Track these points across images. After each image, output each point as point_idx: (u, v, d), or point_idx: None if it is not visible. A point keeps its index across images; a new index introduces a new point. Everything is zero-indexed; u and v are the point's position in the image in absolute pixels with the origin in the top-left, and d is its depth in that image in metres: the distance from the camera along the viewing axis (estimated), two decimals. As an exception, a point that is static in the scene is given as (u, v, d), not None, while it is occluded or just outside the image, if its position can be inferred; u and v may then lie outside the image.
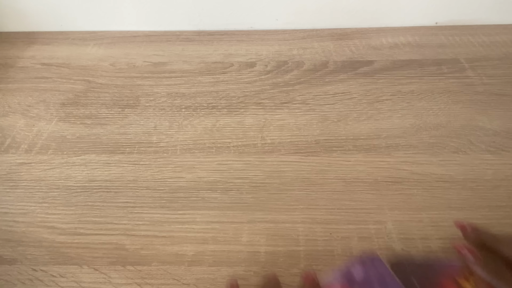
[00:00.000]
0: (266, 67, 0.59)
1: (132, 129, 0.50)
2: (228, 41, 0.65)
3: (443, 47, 0.62)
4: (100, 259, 0.37)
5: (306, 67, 0.59)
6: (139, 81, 0.58)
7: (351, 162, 0.44)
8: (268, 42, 0.65)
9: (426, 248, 0.36)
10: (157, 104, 0.53)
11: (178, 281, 0.35)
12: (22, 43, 0.67)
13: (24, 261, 0.37)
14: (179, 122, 0.50)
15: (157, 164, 0.45)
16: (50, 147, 0.48)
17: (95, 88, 0.57)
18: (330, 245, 0.37)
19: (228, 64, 0.60)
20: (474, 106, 0.51)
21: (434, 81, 0.55)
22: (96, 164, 0.46)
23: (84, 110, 0.53)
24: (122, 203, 0.41)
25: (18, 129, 0.51)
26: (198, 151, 0.47)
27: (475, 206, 0.39)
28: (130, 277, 0.35)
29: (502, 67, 0.57)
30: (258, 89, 0.55)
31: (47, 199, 0.42)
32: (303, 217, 0.39)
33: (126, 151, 0.47)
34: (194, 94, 0.55)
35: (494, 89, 0.53)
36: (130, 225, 0.39)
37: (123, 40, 0.67)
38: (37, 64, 0.62)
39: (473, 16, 0.66)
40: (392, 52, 0.61)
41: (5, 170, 0.45)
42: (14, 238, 0.39)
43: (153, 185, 0.43)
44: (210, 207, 0.41)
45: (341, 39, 0.65)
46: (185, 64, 0.61)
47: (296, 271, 0.35)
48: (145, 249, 0.37)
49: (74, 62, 0.62)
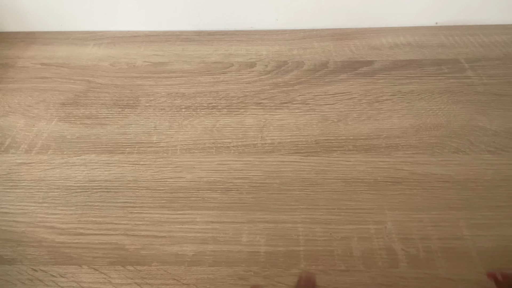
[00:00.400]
0: (266, 67, 0.59)
1: (132, 129, 0.50)
2: (228, 41, 0.65)
3: (443, 47, 0.62)
4: (100, 259, 0.37)
5: (306, 67, 0.59)
6: (139, 81, 0.58)
7: (351, 162, 0.44)
8: (268, 42, 0.65)
9: (426, 248, 0.36)
10: (157, 104, 0.53)
11: (178, 281, 0.35)
12: (22, 43, 0.67)
13: (24, 261, 0.37)
14: (179, 122, 0.50)
15: (157, 164, 0.45)
16: (50, 147, 0.48)
17: (95, 88, 0.57)
18: (330, 245, 0.37)
19: (228, 64, 0.60)
20: (474, 106, 0.51)
21: (434, 81, 0.55)
22: (96, 164, 0.46)
23: (84, 110, 0.53)
24: (122, 203, 0.41)
25: (18, 129, 0.51)
26: (198, 151, 0.47)
27: (475, 206, 0.39)
28: (130, 277, 0.35)
29: (502, 67, 0.57)
30: (258, 89, 0.55)
31: (47, 199, 0.42)
32: (303, 217, 0.39)
33: (126, 151, 0.47)
34: (194, 94, 0.55)
35: (494, 89, 0.53)
36: (130, 225, 0.39)
37: (123, 40, 0.67)
38: (37, 64, 0.62)
39: (473, 16, 0.66)
40: (392, 52, 0.61)
41: (5, 170, 0.45)
42: (14, 238, 0.39)
43: (153, 185, 0.43)
44: (210, 207, 0.41)
45: (341, 39, 0.65)
46: (185, 64, 0.61)
47: (296, 271, 0.35)
48: (145, 249, 0.37)
49: (74, 62, 0.62)
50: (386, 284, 0.33)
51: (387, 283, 0.34)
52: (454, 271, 0.34)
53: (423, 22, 0.67)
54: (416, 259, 0.35)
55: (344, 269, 0.35)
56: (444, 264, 0.35)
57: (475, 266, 0.34)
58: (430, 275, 0.34)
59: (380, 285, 0.33)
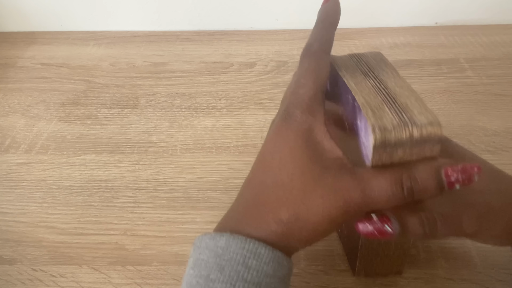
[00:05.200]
0: (266, 67, 0.59)
1: (132, 129, 0.50)
2: (228, 41, 0.65)
3: (443, 47, 0.62)
4: (100, 259, 0.37)
5: (306, 67, 0.59)
6: (139, 81, 0.58)
7: (351, 162, 0.44)
8: (268, 42, 0.65)
9: (426, 248, 0.36)
10: (157, 104, 0.53)
11: (178, 281, 0.35)
12: (22, 43, 0.67)
13: (24, 261, 0.37)
14: (179, 122, 0.50)
15: (157, 164, 0.45)
16: (50, 147, 0.48)
17: (95, 88, 0.57)
18: (330, 245, 0.37)
19: (228, 64, 0.60)
20: (474, 106, 0.51)
21: (434, 81, 0.55)
22: (96, 164, 0.46)
23: (84, 110, 0.53)
24: (122, 203, 0.41)
25: (18, 129, 0.51)
26: (198, 151, 0.47)
27: (475, 206, 0.39)
28: (130, 277, 0.35)
29: (502, 67, 0.57)
30: (258, 89, 0.55)
31: (47, 199, 0.42)
32: (303, 217, 0.39)
33: (126, 151, 0.47)
34: (194, 94, 0.55)
35: (494, 89, 0.53)
36: (130, 225, 0.39)
37: (123, 40, 0.67)
38: (37, 64, 0.62)
39: (473, 16, 0.66)
40: (392, 52, 0.61)
41: (5, 170, 0.45)
42: (14, 238, 0.39)
43: (153, 185, 0.43)
44: (210, 207, 0.41)
45: (341, 39, 0.65)
46: (185, 64, 0.61)
47: (296, 271, 0.35)
48: (145, 249, 0.37)
49: (74, 62, 0.62)
50: (386, 284, 0.33)
51: (387, 283, 0.33)
52: (454, 271, 0.34)
53: (423, 22, 0.67)
54: (416, 259, 0.35)
55: (344, 269, 0.35)
56: (444, 264, 0.35)
57: (475, 266, 0.34)
58: (430, 275, 0.34)
59: (380, 285, 0.33)
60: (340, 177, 0.24)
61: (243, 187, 0.28)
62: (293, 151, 0.25)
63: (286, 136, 0.26)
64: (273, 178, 0.25)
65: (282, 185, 0.25)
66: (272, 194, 0.25)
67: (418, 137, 0.23)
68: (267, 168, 0.26)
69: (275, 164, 0.26)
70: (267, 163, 0.26)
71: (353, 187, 0.23)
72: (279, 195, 0.25)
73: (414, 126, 0.23)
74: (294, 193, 0.24)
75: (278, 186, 0.25)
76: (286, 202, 0.24)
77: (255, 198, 0.26)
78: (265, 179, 0.26)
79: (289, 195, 0.24)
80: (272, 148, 0.26)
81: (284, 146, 0.25)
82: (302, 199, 0.24)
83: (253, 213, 0.25)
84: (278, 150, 0.26)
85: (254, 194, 0.26)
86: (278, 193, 0.25)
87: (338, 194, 0.23)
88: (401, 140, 0.23)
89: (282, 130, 0.26)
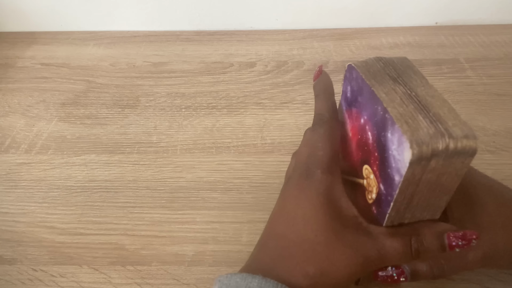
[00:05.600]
0: (266, 67, 0.59)
1: (132, 129, 0.50)
2: (228, 41, 0.65)
3: (443, 47, 0.62)
4: (100, 259, 0.37)
5: (306, 67, 0.59)
6: (139, 81, 0.58)
7: (351, 162, 0.44)
8: (268, 42, 0.65)
9: (426, 248, 0.36)
10: (157, 104, 0.53)
11: (178, 281, 0.35)
12: (22, 43, 0.67)
13: (24, 261, 0.37)
14: (179, 122, 0.50)
15: (157, 164, 0.45)
16: (50, 147, 0.48)
17: (95, 88, 0.57)
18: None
19: (228, 64, 0.60)
20: (474, 106, 0.51)
21: (434, 81, 0.55)
22: (96, 164, 0.46)
23: (84, 110, 0.53)
24: (122, 203, 0.41)
25: (18, 129, 0.51)
26: (198, 151, 0.47)
27: (475, 206, 0.39)
28: (130, 277, 0.35)
29: (502, 67, 0.57)
30: (258, 89, 0.55)
31: (47, 199, 0.42)
32: (303, 217, 0.39)
33: (126, 151, 0.47)
34: (194, 94, 0.55)
35: (494, 89, 0.53)
36: (130, 225, 0.39)
37: (123, 40, 0.67)
38: (37, 64, 0.62)
39: (473, 16, 0.66)
40: (392, 52, 0.61)
41: (5, 170, 0.45)
42: (14, 238, 0.39)
43: (153, 185, 0.43)
44: (210, 207, 0.41)
45: (341, 39, 0.65)
46: (185, 64, 0.61)
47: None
48: (145, 249, 0.37)
49: (74, 62, 0.62)
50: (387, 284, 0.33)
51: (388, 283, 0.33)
52: (454, 271, 0.34)
53: (423, 22, 0.67)
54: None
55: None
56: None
57: (475, 266, 0.34)
58: (430, 275, 0.34)
59: (381, 285, 0.33)
60: (358, 236, 0.26)
61: (266, 237, 0.29)
62: (316, 208, 0.27)
63: (309, 193, 0.27)
64: (298, 233, 0.27)
65: (308, 240, 0.26)
66: (299, 248, 0.26)
67: (453, 149, 0.22)
68: (290, 222, 0.27)
69: (298, 220, 0.27)
70: (290, 218, 0.28)
71: (370, 247, 0.26)
72: (305, 250, 0.26)
73: (450, 139, 0.22)
74: (319, 249, 0.26)
75: (304, 241, 0.26)
76: (312, 257, 0.26)
77: (281, 252, 0.27)
78: (288, 233, 0.27)
79: (314, 251, 0.26)
80: (295, 204, 0.28)
81: (307, 203, 0.27)
82: (327, 255, 0.26)
83: (281, 265, 0.26)
84: (301, 206, 0.27)
85: (280, 247, 0.27)
86: (304, 248, 0.26)
87: (358, 252, 0.26)
88: (436, 150, 0.22)
89: (304, 187, 0.28)
